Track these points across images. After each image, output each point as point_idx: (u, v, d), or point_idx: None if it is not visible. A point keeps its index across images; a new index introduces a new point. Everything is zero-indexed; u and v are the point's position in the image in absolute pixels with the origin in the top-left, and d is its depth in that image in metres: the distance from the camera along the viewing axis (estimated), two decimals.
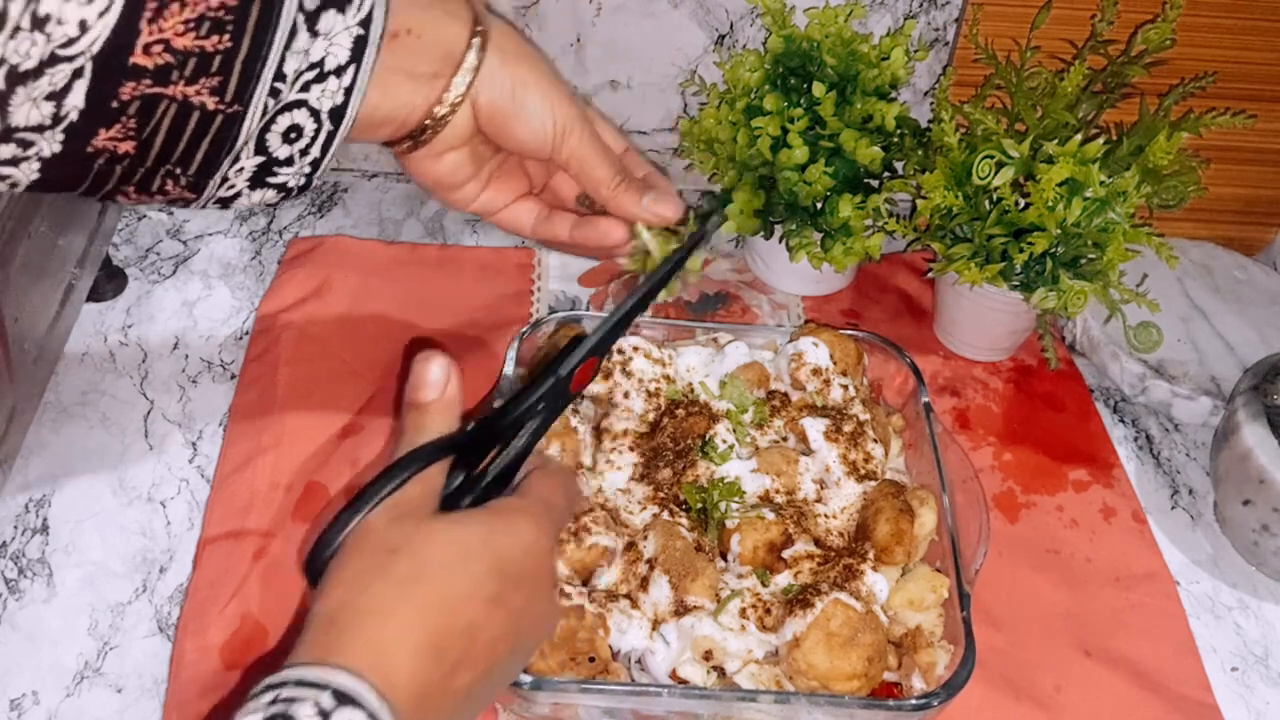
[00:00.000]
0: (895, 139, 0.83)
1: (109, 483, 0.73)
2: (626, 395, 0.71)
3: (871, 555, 0.63)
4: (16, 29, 0.40)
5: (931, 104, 0.90)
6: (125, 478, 0.74)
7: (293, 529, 0.71)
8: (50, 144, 0.44)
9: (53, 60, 0.41)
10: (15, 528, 0.70)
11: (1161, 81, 0.84)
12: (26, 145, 0.43)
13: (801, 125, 0.79)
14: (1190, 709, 0.66)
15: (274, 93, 0.47)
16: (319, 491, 0.73)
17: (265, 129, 0.49)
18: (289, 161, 0.51)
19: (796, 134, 0.79)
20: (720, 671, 0.59)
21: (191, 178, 0.48)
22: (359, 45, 0.49)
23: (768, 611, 0.60)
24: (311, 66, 0.48)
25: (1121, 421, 0.84)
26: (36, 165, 0.44)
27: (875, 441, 0.69)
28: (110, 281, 0.86)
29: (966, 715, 0.63)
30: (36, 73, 0.41)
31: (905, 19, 0.87)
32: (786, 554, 0.63)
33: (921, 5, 0.86)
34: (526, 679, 0.55)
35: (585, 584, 0.62)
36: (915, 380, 0.73)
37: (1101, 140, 0.74)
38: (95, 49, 0.42)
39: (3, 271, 0.66)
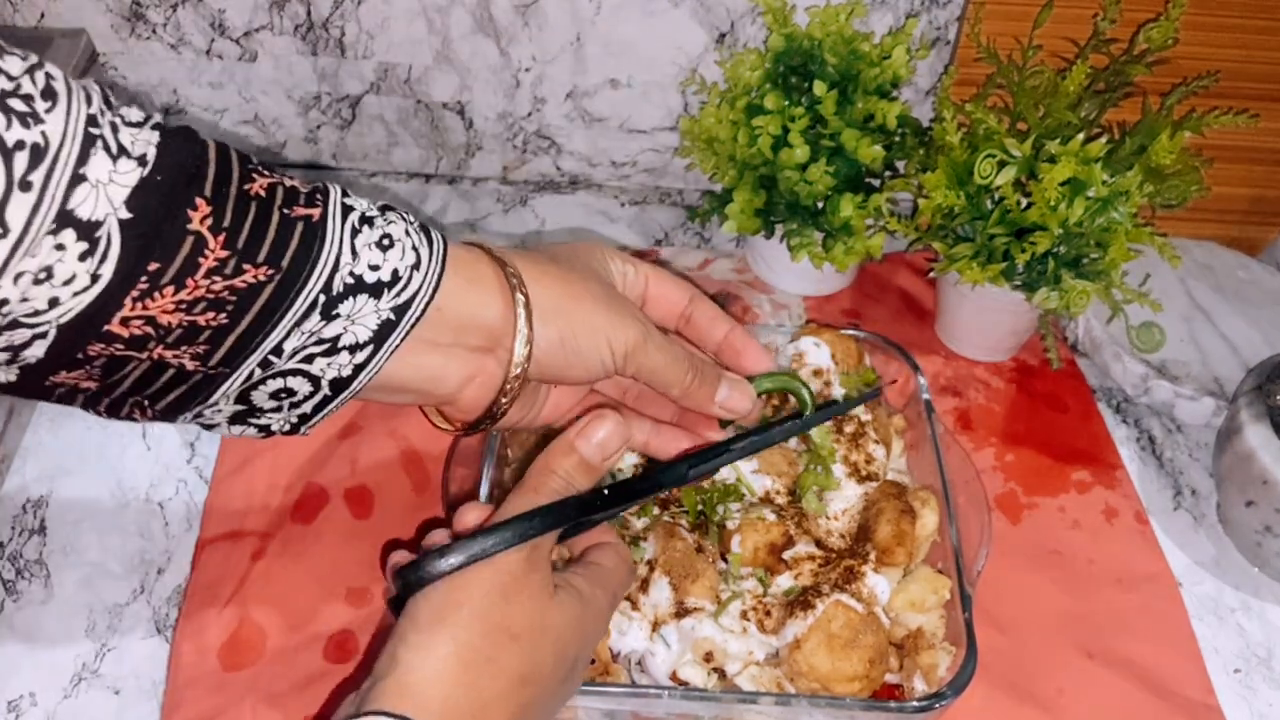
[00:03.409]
0: (897, 138, 0.83)
1: (107, 483, 0.73)
2: None
3: (873, 557, 0.63)
4: None
5: (933, 103, 0.90)
6: (123, 478, 0.74)
7: (291, 530, 0.70)
8: (4, 374, 0.42)
9: (12, 325, 0.39)
10: (13, 528, 0.70)
11: (1164, 80, 0.84)
12: None
13: (802, 124, 0.79)
14: (1193, 711, 0.65)
15: (265, 364, 0.45)
16: (318, 492, 0.73)
17: (250, 388, 0.46)
18: (275, 410, 0.48)
19: (797, 133, 0.79)
20: (721, 673, 0.59)
21: (160, 412, 0.46)
22: (386, 329, 0.46)
23: (768, 613, 0.60)
24: (320, 342, 0.45)
25: (1124, 422, 0.84)
26: None
27: (877, 442, 0.69)
28: None
29: (968, 717, 0.63)
30: None
31: (907, 17, 0.86)
32: (787, 555, 0.63)
33: (923, 4, 0.86)
34: None
35: None
36: (917, 381, 0.72)
37: (1104, 139, 0.74)
38: (64, 320, 0.40)
39: None
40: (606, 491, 0.49)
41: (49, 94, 0.38)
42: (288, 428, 0.49)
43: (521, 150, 0.97)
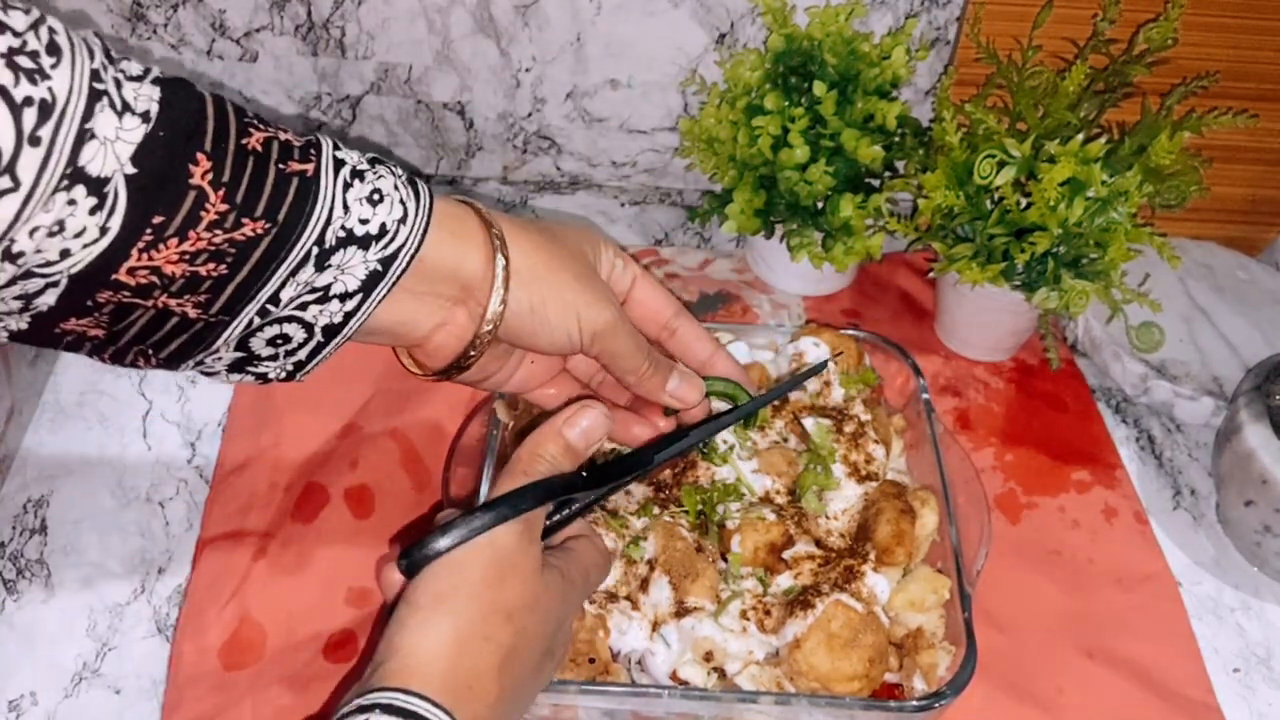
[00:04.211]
0: (896, 138, 0.83)
1: (107, 483, 0.73)
2: None
3: (872, 556, 0.63)
4: None
5: (933, 103, 0.90)
6: (124, 478, 0.74)
7: (292, 530, 0.70)
8: (17, 322, 0.44)
9: (27, 275, 0.41)
10: (14, 528, 0.70)
11: (1163, 81, 0.84)
12: None
13: (802, 124, 0.79)
14: (1192, 711, 0.65)
15: (264, 312, 0.46)
16: (318, 492, 0.73)
17: (249, 335, 0.48)
18: (272, 358, 0.50)
19: (797, 133, 0.79)
20: (721, 673, 0.59)
21: (164, 360, 0.48)
22: (373, 279, 0.48)
23: (768, 613, 0.60)
24: (313, 291, 0.47)
25: (1123, 422, 0.84)
26: (4, 335, 0.44)
27: (876, 442, 0.69)
28: None
29: (968, 717, 0.63)
30: (6, 286, 0.41)
31: (906, 18, 0.86)
32: (787, 555, 0.63)
33: (923, 4, 0.86)
34: None
35: None
36: (916, 381, 0.72)
37: (1103, 140, 0.74)
38: (75, 270, 0.41)
39: None
40: (585, 474, 0.53)
41: (53, 49, 0.40)
42: (284, 375, 0.51)
43: (521, 150, 0.97)
